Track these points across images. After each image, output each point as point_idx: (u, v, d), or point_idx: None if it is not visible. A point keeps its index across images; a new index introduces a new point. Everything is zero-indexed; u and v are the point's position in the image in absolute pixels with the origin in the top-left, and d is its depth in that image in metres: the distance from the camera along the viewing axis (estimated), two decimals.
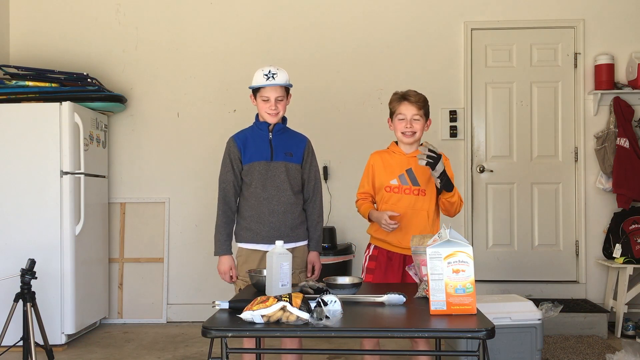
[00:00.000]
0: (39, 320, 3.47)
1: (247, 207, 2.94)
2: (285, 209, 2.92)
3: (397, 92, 3.00)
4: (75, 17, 5.38)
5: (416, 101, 2.92)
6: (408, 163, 2.96)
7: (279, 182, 2.92)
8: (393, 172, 2.96)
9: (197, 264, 5.23)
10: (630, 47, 5.09)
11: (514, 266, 5.23)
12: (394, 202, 2.94)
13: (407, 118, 2.92)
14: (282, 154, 2.94)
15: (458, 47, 5.25)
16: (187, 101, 5.34)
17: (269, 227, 2.90)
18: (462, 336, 2.45)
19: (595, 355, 4.06)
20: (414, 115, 2.92)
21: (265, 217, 2.90)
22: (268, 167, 2.91)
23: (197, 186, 5.27)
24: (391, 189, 2.95)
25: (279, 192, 2.91)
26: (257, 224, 2.91)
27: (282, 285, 2.32)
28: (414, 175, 2.94)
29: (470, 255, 2.05)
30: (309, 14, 5.31)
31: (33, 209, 4.41)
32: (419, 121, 2.94)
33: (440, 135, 5.21)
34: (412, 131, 2.93)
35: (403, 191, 2.94)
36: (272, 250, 2.39)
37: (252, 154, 2.93)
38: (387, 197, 2.96)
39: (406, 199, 2.93)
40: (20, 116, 4.47)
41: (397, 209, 2.91)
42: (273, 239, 2.83)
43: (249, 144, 2.94)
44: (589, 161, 5.15)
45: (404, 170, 2.96)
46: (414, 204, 2.93)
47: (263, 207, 2.90)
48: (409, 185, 2.94)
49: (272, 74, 2.87)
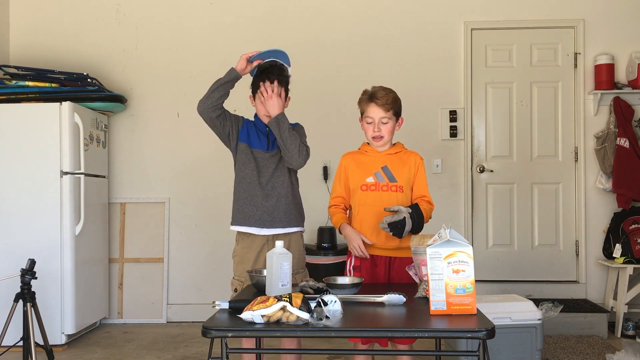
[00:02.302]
0: (39, 320, 3.47)
1: (240, 190, 2.94)
2: (279, 193, 2.92)
3: (366, 91, 2.87)
4: (76, 17, 5.38)
5: (384, 103, 2.79)
6: (383, 160, 2.86)
7: (273, 168, 2.92)
8: (368, 170, 2.87)
9: (197, 264, 5.24)
10: (630, 47, 5.09)
11: (514, 266, 5.23)
12: (372, 202, 2.82)
13: (374, 121, 2.82)
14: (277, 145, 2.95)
15: (458, 47, 5.25)
16: (187, 101, 5.31)
17: (262, 211, 2.90)
18: (462, 336, 2.44)
19: (595, 355, 4.06)
20: (381, 118, 2.81)
21: (259, 200, 2.90)
22: (264, 156, 2.93)
23: (197, 186, 5.27)
24: (367, 187, 2.84)
25: (273, 177, 2.92)
26: (251, 206, 2.91)
27: (282, 285, 2.32)
28: (390, 172, 2.84)
29: (470, 255, 2.05)
30: (309, 15, 5.31)
31: (33, 209, 4.41)
32: (387, 124, 2.82)
33: (440, 135, 5.22)
34: (380, 135, 2.83)
35: (380, 188, 2.83)
36: (272, 250, 2.39)
37: (251, 138, 2.94)
38: (364, 197, 2.84)
39: (384, 196, 2.82)
40: (20, 116, 4.47)
41: (376, 207, 2.79)
42: (266, 223, 2.86)
43: (250, 130, 2.97)
44: (589, 161, 5.15)
45: (379, 168, 2.86)
46: (392, 200, 2.81)
47: (257, 190, 2.90)
48: (385, 182, 2.83)
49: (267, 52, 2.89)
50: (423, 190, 2.87)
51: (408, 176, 2.86)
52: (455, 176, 5.24)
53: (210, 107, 2.87)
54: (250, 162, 2.92)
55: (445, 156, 5.23)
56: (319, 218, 4.79)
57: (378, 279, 2.82)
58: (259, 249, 2.90)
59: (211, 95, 2.87)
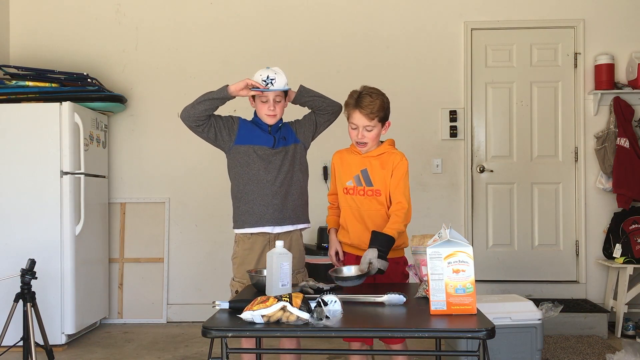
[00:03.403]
0: (39, 320, 3.47)
1: (248, 191, 2.90)
2: (288, 189, 2.92)
3: (353, 93, 2.81)
4: (76, 17, 5.38)
5: (368, 113, 2.73)
6: (363, 163, 2.84)
7: (279, 164, 2.91)
8: (349, 172, 2.87)
9: (197, 264, 5.24)
10: (630, 47, 5.09)
11: (514, 266, 5.23)
12: (352, 205, 2.84)
13: (358, 128, 2.78)
14: (282, 141, 2.95)
15: (458, 47, 5.25)
16: (187, 101, 5.26)
17: (274, 209, 2.88)
18: (462, 336, 2.44)
19: (595, 355, 4.06)
20: (365, 126, 2.76)
21: (269, 199, 2.88)
22: (271, 152, 2.91)
23: (197, 186, 5.27)
24: (347, 190, 2.86)
25: (280, 173, 2.90)
26: (262, 206, 2.88)
27: (282, 286, 2.32)
28: (367, 176, 2.83)
29: (470, 255, 2.05)
30: (308, 15, 5.31)
31: (33, 209, 4.41)
32: (372, 132, 2.77)
33: (440, 135, 5.22)
34: (363, 142, 2.80)
35: (358, 192, 2.84)
36: (272, 250, 2.39)
37: (252, 137, 2.92)
38: (345, 200, 2.87)
39: (362, 200, 2.83)
40: (20, 116, 4.47)
41: (356, 211, 2.83)
42: (278, 221, 2.86)
43: (252, 129, 2.94)
44: (589, 161, 5.15)
45: (359, 171, 2.85)
46: (369, 205, 2.82)
47: (267, 189, 2.88)
48: (363, 187, 2.83)
49: (270, 80, 2.84)
50: (397, 195, 2.79)
51: (386, 179, 2.81)
52: (455, 176, 5.24)
53: (193, 118, 2.87)
54: (256, 162, 2.90)
55: (445, 156, 5.23)
56: (319, 218, 4.74)
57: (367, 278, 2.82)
58: (261, 250, 2.89)
59: (197, 107, 2.87)
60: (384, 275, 2.65)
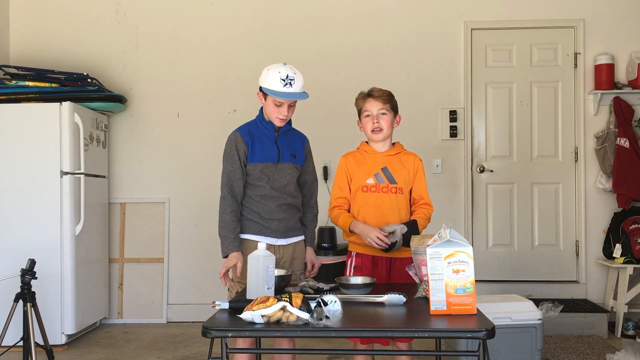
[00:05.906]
0: (39, 321, 3.47)
1: (253, 205, 2.84)
2: (289, 204, 2.89)
3: (362, 91, 2.95)
4: (76, 17, 5.38)
5: (380, 96, 2.87)
6: (383, 161, 2.89)
7: (285, 182, 2.86)
8: (368, 171, 2.89)
9: (197, 264, 5.24)
10: (630, 47, 5.09)
11: (514, 266, 5.23)
12: (372, 202, 2.85)
13: (373, 114, 2.87)
14: (288, 155, 2.87)
15: (458, 47, 5.25)
16: (187, 101, 5.34)
17: (278, 222, 2.85)
18: (462, 336, 2.45)
19: (595, 355, 4.06)
20: (380, 110, 2.86)
21: (275, 212, 2.84)
22: (275, 169, 2.83)
23: (197, 186, 5.27)
24: (368, 188, 2.87)
25: (284, 191, 2.86)
26: (267, 220, 2.83)
27: (267, 289, 2.30)
28: (390, 174, 2.87)
29: (471, 255, 2.05)
30: (309, 15, 5.32)
31: (33, 209, 4.41)
32: (386, 115, 2.87)
33: (440, 135, 5.22)
34: (379, 127, 2.86)
35: (380, 189, 2.86)
36: (256, 252, 2.34)
37: (259, 154, 2.81)
38: (365, 199, 2.87)
39: (385, 197, 2.85)
40: (20, 116, 4.47)
41: (377, 208, 2.84)
42: (282, 233, 2.84)
43: (256, 143, 2.82)
44: (589, 161, 5.15)
45: (379, 169, 2.88)
46: (392, 202, 2.85)
47: (272, 203, 2.83)
48: (386, 184, 2.86)
49: (289, 80, 2.70)
50: (422, 193, 2.91)
51: (407, 178, 2.89)
52: (455, 176, 5.24)
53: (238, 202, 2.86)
54: (261, 179, 2.82)
55: (445, 156, 5.23)
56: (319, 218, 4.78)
57: (379, 279, 2.81)
58: None
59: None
60: (395, 275, 2.75)
